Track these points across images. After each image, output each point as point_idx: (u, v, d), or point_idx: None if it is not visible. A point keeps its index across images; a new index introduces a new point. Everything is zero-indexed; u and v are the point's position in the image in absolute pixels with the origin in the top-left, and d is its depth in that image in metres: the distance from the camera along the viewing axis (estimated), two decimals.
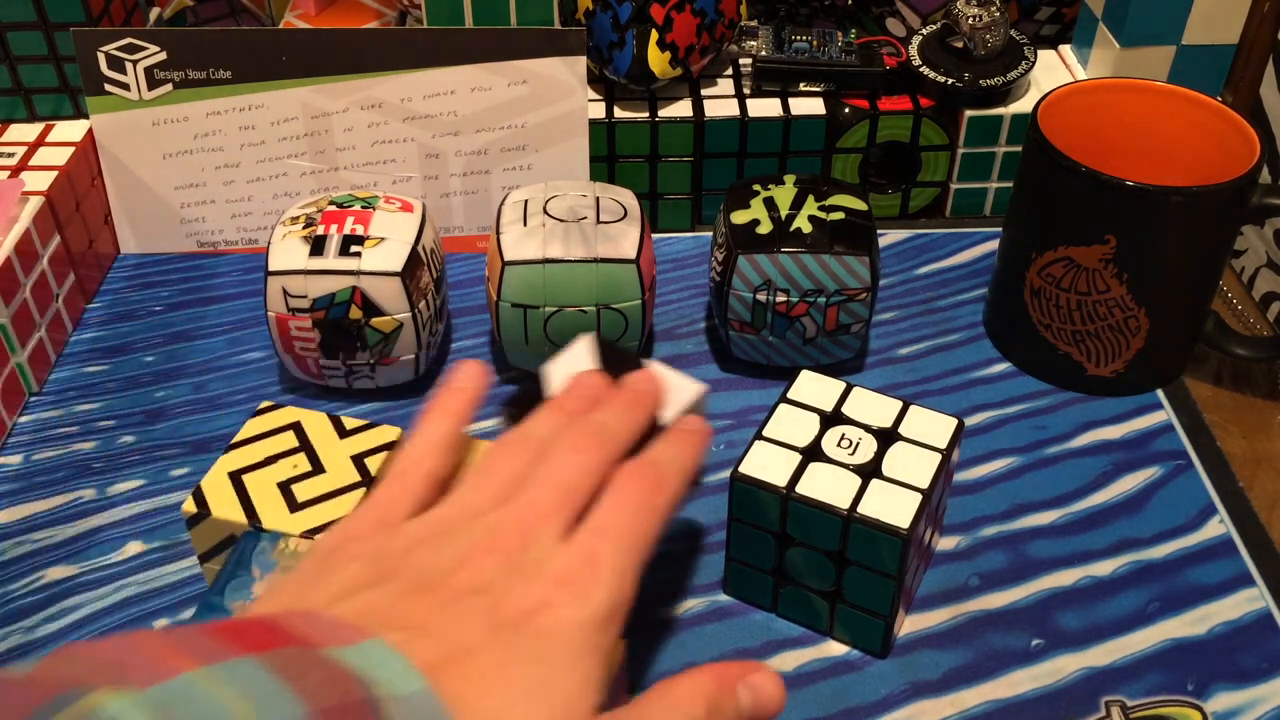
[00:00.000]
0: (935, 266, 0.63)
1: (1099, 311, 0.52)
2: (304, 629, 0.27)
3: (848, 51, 0.63)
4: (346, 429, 0.45)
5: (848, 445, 0.42)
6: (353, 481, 0.43)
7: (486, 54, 0.59)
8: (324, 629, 0.27)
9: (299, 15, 0.70)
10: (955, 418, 0.43)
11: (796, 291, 0.51)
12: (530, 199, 0.53)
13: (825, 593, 0.43)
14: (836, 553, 0.41)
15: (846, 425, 0.43)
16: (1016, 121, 0.63)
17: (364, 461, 0.44)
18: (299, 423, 0.45)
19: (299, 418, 0.46)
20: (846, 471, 0.41)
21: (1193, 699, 0.42)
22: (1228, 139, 0.51)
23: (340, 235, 0.50)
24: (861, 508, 0.40)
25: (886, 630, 0.42)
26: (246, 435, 0.45)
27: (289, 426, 0.45)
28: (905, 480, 0.41)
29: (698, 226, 0.66)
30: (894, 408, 0.44)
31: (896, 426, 0.43)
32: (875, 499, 0.40)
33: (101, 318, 0.60)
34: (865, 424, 0.43)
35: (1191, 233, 0.50)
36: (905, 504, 0.40)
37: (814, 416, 0.44)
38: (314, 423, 0.45)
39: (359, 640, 0.27)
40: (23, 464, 0.52)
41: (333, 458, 0.44)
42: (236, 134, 0.61)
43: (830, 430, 0.43)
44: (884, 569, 0.41)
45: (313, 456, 0.44)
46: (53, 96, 0.62)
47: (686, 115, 0.62)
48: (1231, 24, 0.62)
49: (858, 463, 0.42)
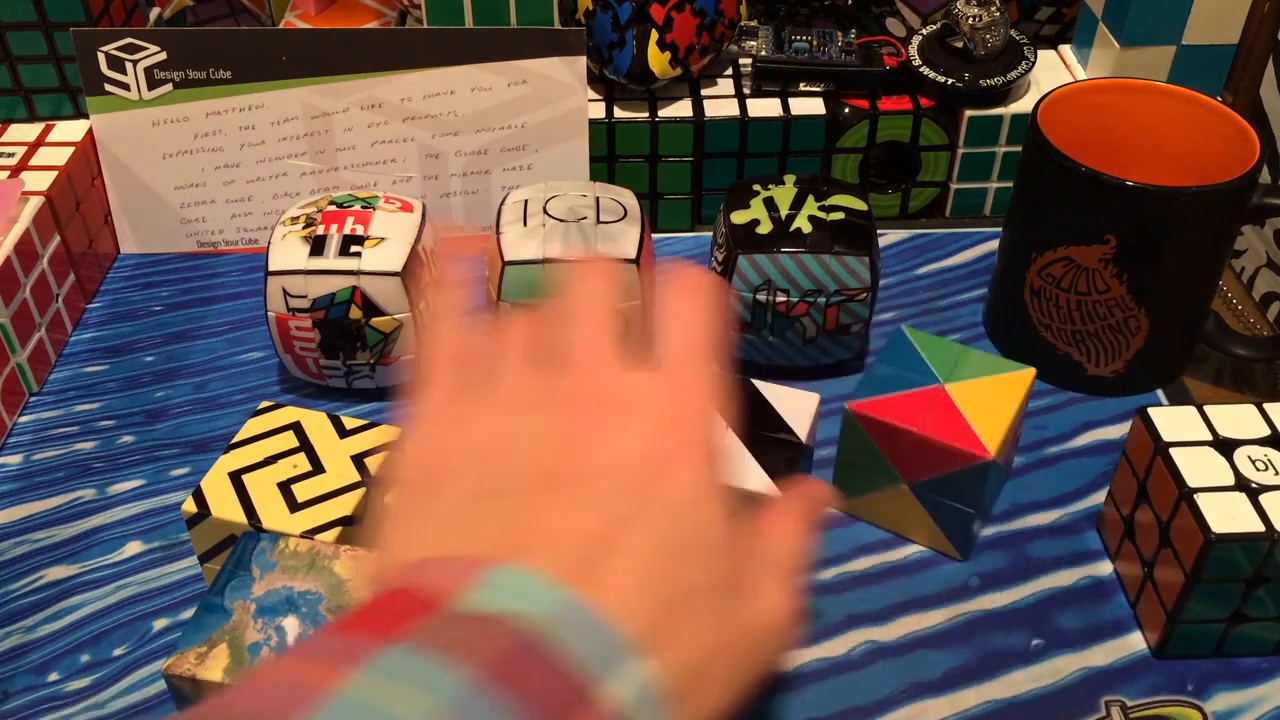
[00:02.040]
0: (935, 266, 0.63)
1: (1099, 311, 0.52)
2: (433, 583, 0.25)
3: (848, 51, 0.63)
4: (346, 429, 0.45)
5: (1262, 466, 0.42)
6: (353, 481, 0.43)
7: (486, 54, 0.59)
8: (451, 575, 0.26)
9: (299, 15, 0.70)
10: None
11: (796, 291, 0.51)
12: (530, 199, 0.53)
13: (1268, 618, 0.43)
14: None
15: (1240, 446, 0.43)
16: (1016, 121, 0.63)
17: (364, 461, 0.44)
18: (299, 422, 0.45)
19: (299, 417, 0.46)
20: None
21: (1193, 699, 0.42)
22: (1228, 139, 0.51)
23: (340, 235, 0.50)
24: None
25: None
26: (246, 435, 0.45)
27: (289, 426, 0.45)
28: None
29: (698, 226, 0.66)
30: (1246, 412, 0.44)
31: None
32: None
33: (101, 318, 0.60)
34: (1251, 438, 0.44)
35: (1191, 233, 0.50)
36: None
37: (1209, 450, 0.43)
38: (314, 422, 0.45)
39: (488, 575, 0.25)
40: (23, 464, 0.52)
41: (333, 457, 0.44)
42: (236, 134, 0.61)
43: (1235, 455, 0.43)
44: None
45: (313, 456, 0.44)
46: (53, 96, 0.62)
47: (686, 115, 0.62)
48: (1231, 24, 0.62)
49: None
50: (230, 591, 0.38)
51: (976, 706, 0.42)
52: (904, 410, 0.45)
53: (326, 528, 0.42)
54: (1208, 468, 0.42)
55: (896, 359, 0.47)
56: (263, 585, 0.38)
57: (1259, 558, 0.40)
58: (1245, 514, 0.41)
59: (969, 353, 0.48)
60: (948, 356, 0.48)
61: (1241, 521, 0.40)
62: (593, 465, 0.28)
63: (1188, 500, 0.41)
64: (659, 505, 0.28)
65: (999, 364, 0.48)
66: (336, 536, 0.41)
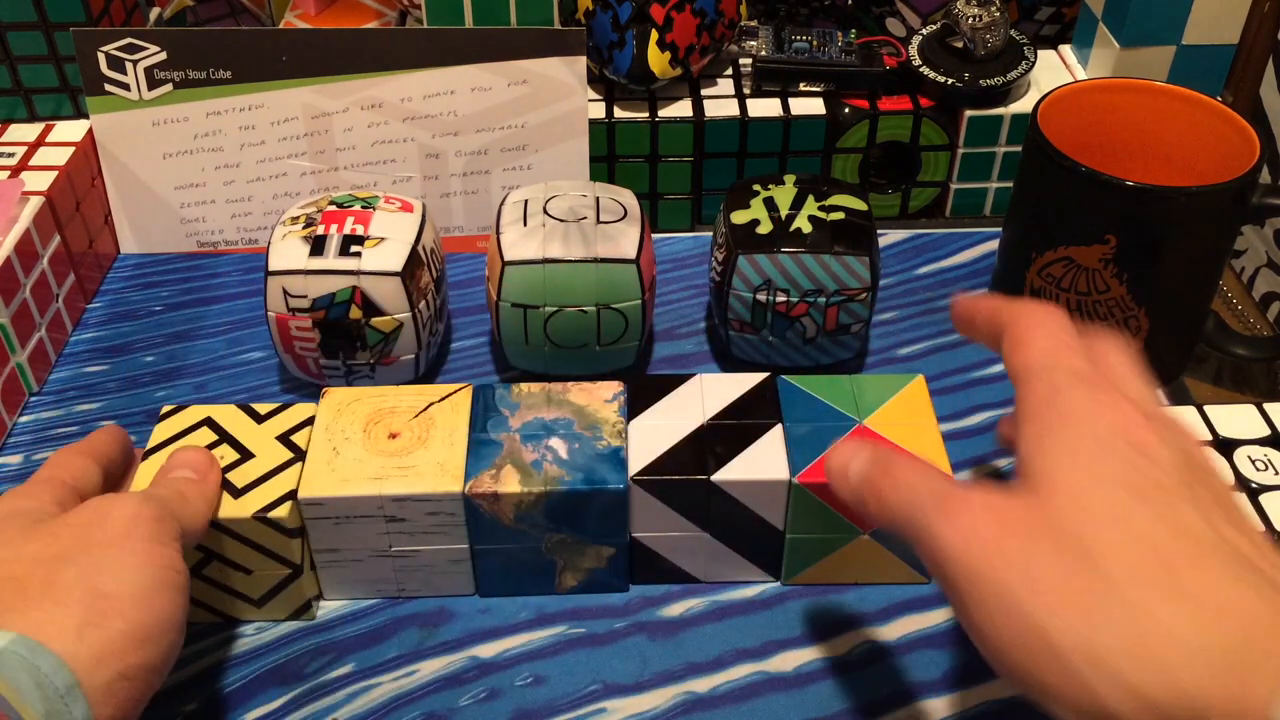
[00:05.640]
0: (935, 266, 0.63)
1: (1099, 311, 0.52)
2: None
3: (848, 51, 0.63)
4: (261, 414, 0.46)
5: (1262, 466, 0.42)
6: (287, 459, 0.44)
7: (486, 54, 0.59)
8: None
9: (299, 15, 0.70)
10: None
11: (796, 291, 0.51)
12: (530, 199, 0.53)
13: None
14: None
15: (1241, 447, 0.43)
16: (1016, 121, 0.63)
17: (291, 439, 0.45)
18: (209, 418, 0.46)
19: (208, 413, 0.46)
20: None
21: None
22: (1228, 139, 0.51)
23: (340, 235, 0.50)
24: None
25: None
26: (157, 441, 0.45)
27: (201, 423, 0.45)
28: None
29: (698, 226, 0.66)
30: (1246, 412, 0.44)
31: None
32: None
33: (101, 318, 0.60)
34: (1251, 438, 0.44)
35: (1191, 233, 0.50)
36: None
37: (1208, 450, 0.43)
38: (224, 415, 0.46)
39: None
40: (23, 464, 0.52)
41: (257, 442, 0.45)
42: (236, 134, 0.61)
43: (1235, 455, 0.43)
44: None
45: (236, 445, 0.44)
46: (53, 96, 0.62)
47: (686, 115, 0.62)
48: (1231, 24, 0.62)
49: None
50: (492, 428, 0.45)
51: (976, 706, 0.42)
52: None
53: (279, 503, 0.42)
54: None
55: (800, 413, 0.46)
56: (517, 419, 0.45)
57: None
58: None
59: (857, 380, 0.47)
60: (843, 392, 0.47)
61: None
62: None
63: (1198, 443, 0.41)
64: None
65: (889, 382, 0.47)
66: (289, 511, 0.42)
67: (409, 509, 0.43)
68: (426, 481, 0.42)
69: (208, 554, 0.43)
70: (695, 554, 0.45)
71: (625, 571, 0.46)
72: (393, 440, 0.44)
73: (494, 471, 0.43)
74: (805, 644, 0.44)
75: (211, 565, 0.43)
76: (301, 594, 0.44)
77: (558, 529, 0.44)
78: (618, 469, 0.43)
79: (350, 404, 0.46)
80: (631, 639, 0.44)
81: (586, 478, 0.43)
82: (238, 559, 0.43)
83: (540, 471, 0.43)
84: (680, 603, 0.46)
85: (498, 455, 0.44)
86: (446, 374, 0.56)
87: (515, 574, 0.45)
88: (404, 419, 0.45)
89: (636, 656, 0.44)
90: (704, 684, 0.43)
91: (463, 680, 0.43)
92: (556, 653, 0.44)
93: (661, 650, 0.44)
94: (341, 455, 0.43)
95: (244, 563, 0.43)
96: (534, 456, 0.44)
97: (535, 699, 0.42)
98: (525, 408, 0.46)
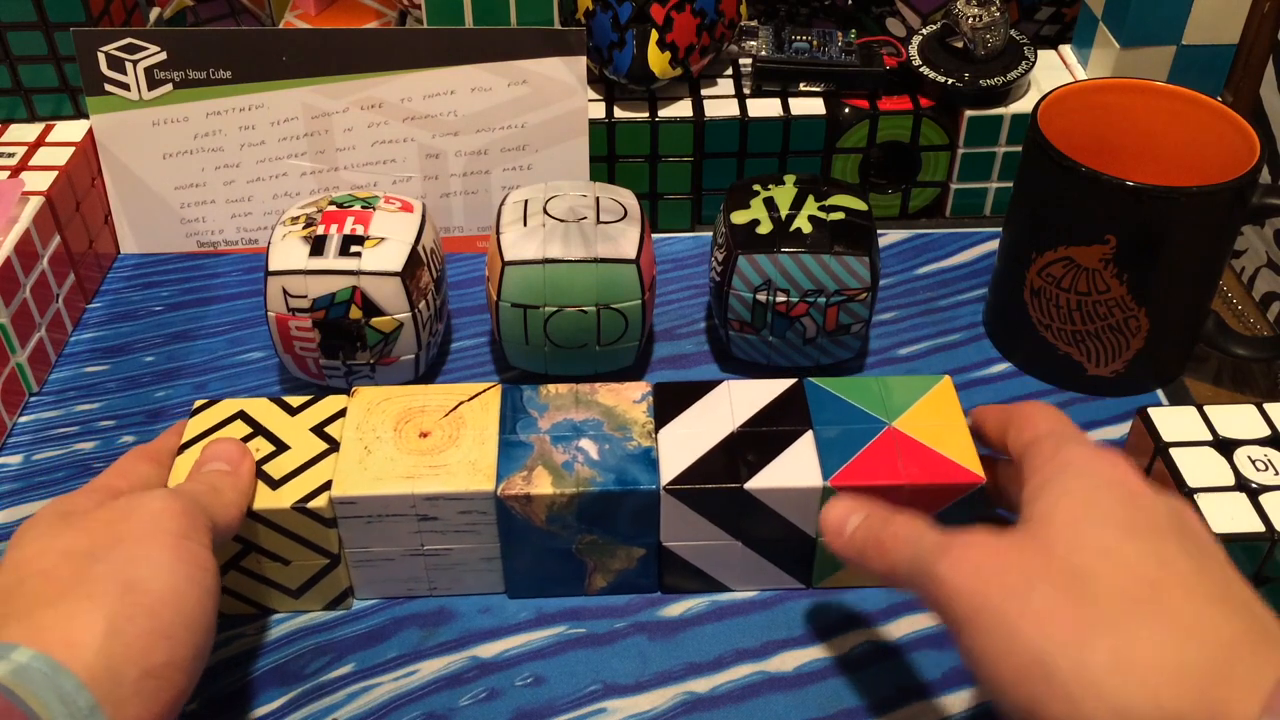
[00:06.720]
0: (935, 266, 0.63)
1: (1099, 311, 0.52)
2: None
3: (848, 51, 0.63)
4: (293, 407, 0.46)
5: (1263, 466, 0.43)
6: (321, 450, 0.44)
7: (486, 54, 0.59)
8: None
9: (299, 15, 0.70)
10: None
11: (796, 291, 0.51)
12: (530, 199, 0.53)
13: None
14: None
15: (1241, 447, 0.43)
16: (1016, 121, 0.63)
17: (325, 430, 0.45)
18: (243, 411, 0.46)
19: (241, 406, 0.46)
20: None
21: None
22: (1228, 139, 0.51)
23: (340, 235, 0.50)
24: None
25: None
26: (191, 435, 0.45)
27: (234, 416, 0.46)
28: None
29: (698, 226, 0.66)
30: (1246, 412, 0.45)
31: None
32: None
33: (101, 318, 0.60)
34: (1251, 438, 0.44)
35: (1191, 233, 0.50)
36: None
37: (1209, 450, 0.43)
38: (257, 408, 0.46)
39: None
40: (23, 464, 0.52)
41: (292, 434, 0.45)
42: (236, 134, 0.61)
43: (1235, 456, 0.43)
44: None
45: (271, 437, 0.44)
46: (53, 96, 0.62)
47: (686, 115, 0.62)
48: (1231, 24, 0.62)
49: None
50: (521, 430, 0.45)
51: (977, 706, 0.42)
52: (878, 467, 0.43)
53: (317, 494, 0.42)
54: (1208, 468, 0.42)
55: (829, 416, 0.45)
56: (546, 421, 0.45)
57: (1259, 558, 0.40)
58: (1245, 514, 0.41)
59: (884, 382, 0.47)
60: (871, 394, 0.46)
61: (1241, 521, 0.41)
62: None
63: (1188, 500, 0.41)
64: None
65: (916, 383, 0.47)
66: (327, 502, 0.42)
67: (441, 508, 0.43)
68: (459, 480, 0.42)
69: (246, 545, 0.43)
70: (727, 563, 0.45)
71: (655, 572, 0.45)
72: (424, 439, 0.44)
73: (525, 473, 0.43)
74: (805, 644, 0.44)
75: (249, 557, 0.43)
76: (339, 584, 0.45)
77: (589, 530, 0.44)
78: (649, 469, 0.43)
79: (380, 403, 0.46)
80: (631, 639, 0.44)
81: (619, 479, 0.43)
82: (276, 550, 0.43)
83: (572, 473, 0.43)
84: (680, 603, 0.46)
85: (529, 457, 0.44)
86: (447, 374, 0.56)
87: (545, 576, 0.45)
88: (434, 418, 0.45)
89: (636, 656, 0.44)
90: (704, 684, 0.43)
91: (463, 680, 0.43)
92: (556, 653, 0.44)
93: (661, 650, 0.44)
94: (373, 454, 0.43)
95: (282, 554, 0.43)
96: (565, 458, 0.44)
97: (535, 699, 0.42)
98: (554, 409, 0.46)
